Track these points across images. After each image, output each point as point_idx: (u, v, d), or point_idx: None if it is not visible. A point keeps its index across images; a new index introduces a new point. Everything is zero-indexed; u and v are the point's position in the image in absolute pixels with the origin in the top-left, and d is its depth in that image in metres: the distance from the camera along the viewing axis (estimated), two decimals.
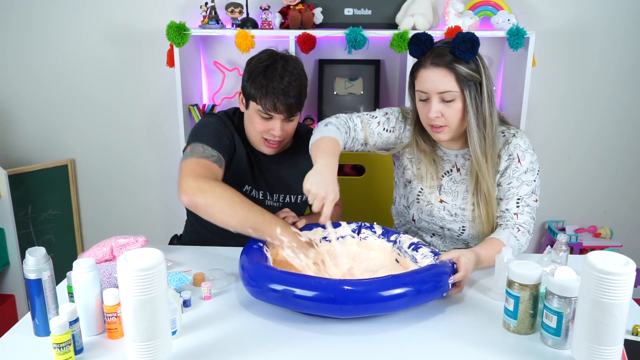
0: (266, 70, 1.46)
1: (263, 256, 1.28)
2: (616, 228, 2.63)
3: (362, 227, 1.50)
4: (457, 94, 1.37)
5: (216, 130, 1.52)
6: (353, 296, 1.10)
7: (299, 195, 1.65)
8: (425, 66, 1.39)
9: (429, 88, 1.38)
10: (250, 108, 1.51)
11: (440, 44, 1.41)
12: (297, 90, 1.47)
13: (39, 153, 2.68)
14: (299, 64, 1.51)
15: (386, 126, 1.54)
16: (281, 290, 1.12)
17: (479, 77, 1.37)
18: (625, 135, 2.59)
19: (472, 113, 1.38)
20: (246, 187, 1.58)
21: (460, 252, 1.27)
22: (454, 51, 1.35)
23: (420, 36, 1.41)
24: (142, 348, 0.96)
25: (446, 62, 1.36)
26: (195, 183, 1.35)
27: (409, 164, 1.56)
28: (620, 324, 0.94)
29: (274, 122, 1.49)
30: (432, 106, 1.38)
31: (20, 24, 2.52)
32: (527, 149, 1.46)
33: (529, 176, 1.45)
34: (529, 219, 1.43)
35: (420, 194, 1.54)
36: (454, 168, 1.52)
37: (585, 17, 2.44)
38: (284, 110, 1.46)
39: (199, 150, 1.45)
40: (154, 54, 2.53)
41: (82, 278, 1.08)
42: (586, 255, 0.97)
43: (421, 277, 1.17)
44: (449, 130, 1.42)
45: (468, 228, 1.51)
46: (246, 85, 1.50)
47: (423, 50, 1.41)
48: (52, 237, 2.65)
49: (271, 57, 1.49)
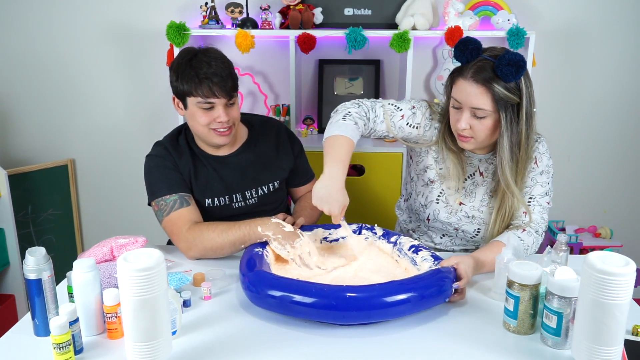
0: (191, 62, 1.47)
1: (264, 262, 1.28)
2: (616, 228, 2.63)
3: (363, 228, 1.50)
4: (489, 113, 1.33)
5: (161, 175, 1.54)
6: (355, 303, 1.10)
7: (269, 185, 1.65)
8: (465, 77, 1.34)
9: (463, 100, 1.35)
10: (189, 106, 1.51)
11: (487, 54, 1.34)
12: (227, 71, 1.49)
13: (39, 153, 2.68)
14: (218, 51, 1.54)
15: (410, 121, 1.49)
16: (283, 297, 1.12)
17: (517, 99, 1.32)
18: (625, 135, 2.59)
19: (505, 135, 1.34)
20: (207, 201, 1.59)
21: (459, 259, 1.26)
22: (496, 70, 1.29)
23: (468, 43, 1.34)
24: (142, 348, 0.96)
25: (485, 79, 1.30)
26: (183, 244, 1.46)
27: (434, 162, 1.53)
28: (620, 324, 0.94)
29: (217, 110, 1.49)
30: (462, 118, 1.36)
31: (21, 23, 2.52)
32: (545, 152, 1.45)
33: (544, 178, 1.44)
34: (538, 218, 1.42)
35: (441, 195, 1.52)
36: (476, 172, 1.50)
37: (585, 17, 2.44)
38: (223, 92, 1.47)
39: (162, 205, 1.51)
40: (154, 54, 2.53)
41: (82, 278, 1.08)
42: (586, 255, 0.97)
43: (424, 283, 1.17)
44: (474, 142, 1.40)
45: (483, 231, 1.51)
46: (177, 85, 1.50)
47: (468, 59, 1.34)
48: (52, 237, 2.65)
49: (189, 52, 1.52)
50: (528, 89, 1.33)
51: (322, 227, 1.51)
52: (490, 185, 1.48)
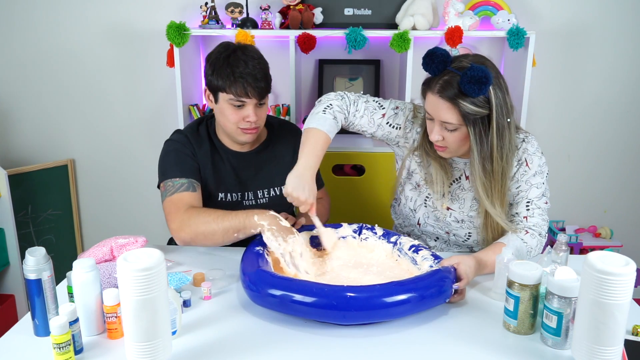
0: (228, 59, 1.48)
1: (264, 260, 1.28)
2: (616, 228, 2.63)
3: (363, 228, 1.50)
4: (458, 126, 1.33)
5: (177, 158, 1.54)
6: (355, 303, 1.10)
7: (282, 186, 1.63)
8: (432, 91, 1.34)
9: (432, 113, 1.35)
10: (220, 101, 1.52)
11: (455, 65, 1.31)
12: (263, 73, 1.49)
13: (39, 153, 2.68)
14: (256, 50, 1.54)
15: (391, 121, 1.51)
16: (283, 296, 1.12)
17: (486, 112, 1.31)
18: (625, 135, 2.58)
19: (475, 150, 1.34)
20: (220, 194, 1.60)
21: (460, 259, 1.26)
22: (460, 86, 1.28)
23: (434, 56, 1.32)
24: (142, 348, 0.96)
25: (451, 96, 1.30)
26: (176, 224, 1.44)
27: (418, 167, 1.53)
28: (620, 324, 0.94)
29: (247, 109, 1.50)
30: (434, 130, 1.36)
31: (21, 23, 2.52)
32: (535, 152, 1.44)
33: (538, 179, 1.43)
34: (540, 220, 1.41)
35: (427, 199, 1.53)
36: (462, 176, 1.50)
37: (585, 17, 2.44)
38: (255, 93, 1.48)
39: (169, 186, 1.51)
40: (154, 54, 2.53)
41: (82, 278, 1.08)
42: (586, 255, 0.97)
43: (424, 283, 1.17)
44: (449, 152, 1.40)
45: (474, 234, 1.51)
46: (212, 79, 1.50)
47: (434, 71, 1.33)
48: (52, 237, 2.65)
49: (229, 47, 1.52)
50: (499, 100, 1.31)
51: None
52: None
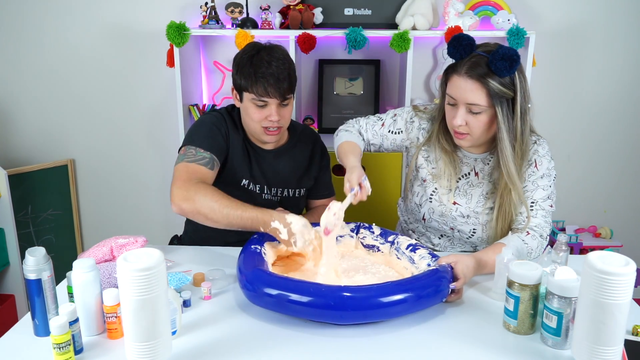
0: (252, 59, 1.49)
1: (261, 260, 1.28)
2: (616, 228, 2.63)
3: (361, 227, 1.50)
4: (485, 108, 1.34)
5: (209, 132, 1.55)
6: (352, 303, 1.10)
7: (295, 190, 1.68)
8: (459, 73, 1.35)
9: (458, 96, 1.36)
10: (244, 100, 1.53)
11: (480, 50, 1.35)
12: (285, 72, 1.49)
13: (39, 153, 2.68)
14: (283, 50, 1.55)
15: (392, 128, 1.55)
16: (280, 296, 1.12)
17: (511, 94, 1.33)
18: (625, 135, 2.58)
19: (504, 129, 1.35)
20: (244, 181, 1.60)
21: (458, 258, 1.26)
22: (490, 65, 1.30)
23: (461, 39, 1.35)
24: (142, 348, 0.96)
25: (480, 75, 1.31)
26: (181, 192, 1.39)
27: (424, 162, 1.54)
28: (620, 324, 0.94)
29: (270, 108, 1.51)
30: (458, 114, 1.37)
31: (21, 24, 2.52)
32: (545, 155, 1.45)
33: (545, 181, 1.43)
34: (542, 222, 1.41)
35: (433, 194, 1.53)
36: (472, 172, 1.50)
37: (585, 17, 2.44)
38: (277, 93, 1.48)
39: (191, 153, 1.49)
40: (154, 54, 2.53)
41: (82, 278, 1.08)
42: (586, 255, 0.97)
43: (421, 283, 1.17)
44: (470, 139, 1.40)
45: (479, 231, 1.51)
46: (236, 78, 1.53)
47: (462, 55, 1.35)
48: (52, 237, 2.65)
49: (255, 47, 1.54)
50: (522, 84, 1.34)
51: None
52: (487, 187, 1.48)
